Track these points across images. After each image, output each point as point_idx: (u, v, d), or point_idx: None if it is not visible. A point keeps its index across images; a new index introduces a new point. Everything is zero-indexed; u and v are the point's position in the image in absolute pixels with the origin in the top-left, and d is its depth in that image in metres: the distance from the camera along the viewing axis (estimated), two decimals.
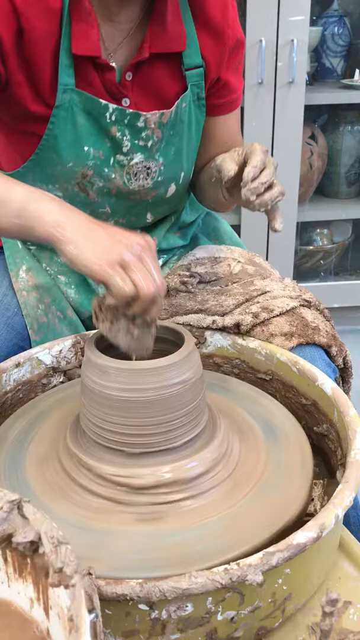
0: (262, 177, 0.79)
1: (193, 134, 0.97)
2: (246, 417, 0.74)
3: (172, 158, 0.95)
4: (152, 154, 0.92)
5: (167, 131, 0.92)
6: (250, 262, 1.01)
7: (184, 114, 0.93)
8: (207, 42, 0.93)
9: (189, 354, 0.65)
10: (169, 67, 0.92)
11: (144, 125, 0.89)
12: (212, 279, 0.94)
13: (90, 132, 0.88)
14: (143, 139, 0.91)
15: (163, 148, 0.93)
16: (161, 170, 0.94)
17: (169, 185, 0.98)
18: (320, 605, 0.57)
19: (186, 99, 0.93)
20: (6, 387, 0.83)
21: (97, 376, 0.64)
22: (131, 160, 0.91)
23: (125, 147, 0.90)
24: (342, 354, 0.87)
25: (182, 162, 0.97)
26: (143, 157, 0.92)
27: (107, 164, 0.91)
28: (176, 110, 0.91)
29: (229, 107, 1.02)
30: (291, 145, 1.89)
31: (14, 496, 0.49)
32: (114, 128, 0.88)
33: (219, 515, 0.61)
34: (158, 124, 0.90)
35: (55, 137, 0.87)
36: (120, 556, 0.56)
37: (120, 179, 0.92)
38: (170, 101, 0.92)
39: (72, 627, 0.41)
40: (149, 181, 0.94)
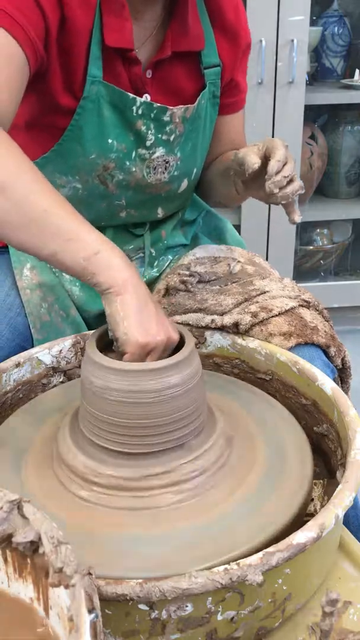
0: (285, 171, 0.81)
1: (207, 131, 1.01)
2: (246, 416, 0.74)
3: (188, 153, 0.97)
4: (173, 148, 0.95)
5: (188, 126, 0.95)
6: (250, 262, 1.01)
7: (202, 111, 0.96)
8: (223, 43, 0.97)
9: (189, 354, 0.65)
10: (187, 65, 0.94)
11: (169, 119, 0.92)
12: (212, 278, 0.94)
13: (115, 125, 0.89)
14: (167, 133, 0.93)
15: (182, 143, 0.96)
16: (178, 164, 0.97)
17: (183, 180, 1.00)
18: (320, 605, 0.57)
19: (205, 96, 0.96)
20: (6, 387, 0.83)
21: (97, 376, 0.64)
22: (153, 154, 0.93)
23: (149, 140, 0.92)
24: (340, 354, 0.87)
25: (196, 157, 1.00)
26: (164, 151, 0.94)
27: (129, 157, 0.92)
28: (197, 106, 0.94)
29: (236, 106, 1.05)
30: (291, 145, 1.86)
31: (14, 496, 0.49)
32: (140, 122, 0.90)
33: (218, 515, 0.61)
34: (182, 119, 0.93)
35: (80, 128, 0.88)
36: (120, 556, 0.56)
37: (140, 172, 0.94)
38: (187, 99, 0.94)
39: (72, 627, 0.41)
40: (165, 175, 0.96)
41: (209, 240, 1.12)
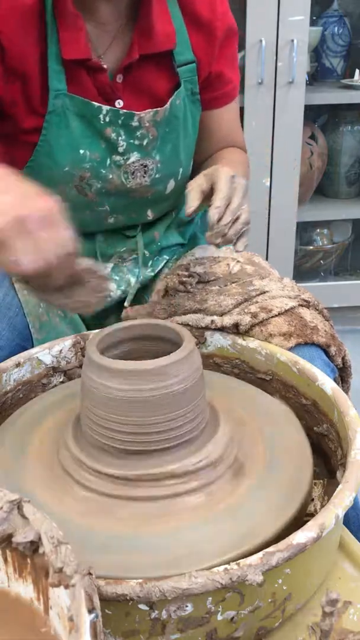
0: (226, 217, 0.78)
1: (189, 130, 0.97)
2: (245, 416, 0.74)
3: (168, 155, 0.95)
4: (149, 152, 0.93)
5: (162, 129, 0.92)
6: (249, 261, 1.01)
7: (178, 111, 0.93)
8: (197, 38, 0.93)
9: (189, 353, 0.65)
10: (160, 65, 0.92)
11: (138, 124, 0.90)
12: (211, 278, 0.94)
13: (85, 135, 0.88)
14: (138, 138, 0.91)
15: (159, 145, 0.93)
16: (158, 167, 0.95)
17: (168, 181, 0.98)
18: (320, 605, 0.57)
19: (180, 95, 0.93)
20: (6, 387, 0.83)
21: (98, 376, 0.64)
22: (127, 160, 0.92)
23: (120, 147, 0.91)
24: (341, 353, 0.87)
25: (179, 158, 0.97)
26: (139, 156, 0.92)
27: (103, 165, 0.91)
28: (170, 107, 0.92)
29: (224, 99, 1.01)
30: (291, 145, 1.89)
31: (14, 496, 0.49)
32: (109, 129, 0.88)
33: (218, 515, 0.61)
34: (152, 122, 0.91)
35: (49, 143, 0.88)
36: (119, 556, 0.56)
37: (118, 179, 0.93)
38: (163, 100, 0.92)
39: (72, 627, 0.41)
40: (146, 179, 0.95)
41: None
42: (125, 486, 0.63)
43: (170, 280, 0.95)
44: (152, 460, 0.63)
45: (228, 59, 0.98)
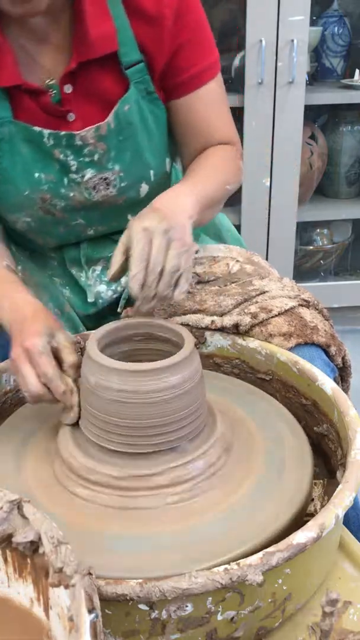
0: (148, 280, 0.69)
1: (153, 130, 0.91)
2: (246, 417, 0.74)
3: (130, 162, 0.91)
4: (104, 166, 0.89)
5: (112, 140, 0.88)
6: (249, 261, 1.00)
7: (130, 116, 0.88)
8: (144, 31, 0.85)
9: (189, 355, 0.65)
10: (107, 69, 0.86)
11: (82, 142, 0.87)
12: (211, 278, 0.94)
13: (36, 159, 0.87)
14: (88, 155, 0.88)
15: (115, 156, 0.89)
16: (121, 176, 0.91)
17: (138, 186, 0.94)
18: (320, 605, 0.57)
19: (129, 100, 0.87)
20: (6, 387, 0.83)
21: (98, 377, 0.64)
22: (84, 177, 0.89)
23: (73, 166, 0.88)
24: (341, 353, 0.87)
25: (145, 162, 0.92)
26: (95, 171, 0.89)
27: (61, 185, 0.89)
28: (116, 117, 0.87)
29: (189, 85, 0.90)
30: (291, 145, 1.88)
31: (14, 496, 0.49)
32: (56, 151, 0.87)
33: (218, 515, 0.61)
34: (97, 138, 0.87)
35: (6, 170, 0.87)
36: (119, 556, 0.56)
37: (81, 195, 0.91)
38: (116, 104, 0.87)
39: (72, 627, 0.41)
40: (111, 190, 0.91)
41: (206, 236, 1.10)
42: (124, 486, 0.63)
43: None
44: (151, 460, 0.63)
45: (186, 42, 0.87)
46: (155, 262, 0.69)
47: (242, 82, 1.82)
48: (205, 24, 0.90)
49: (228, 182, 0.91)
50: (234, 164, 0.95)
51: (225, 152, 0.95)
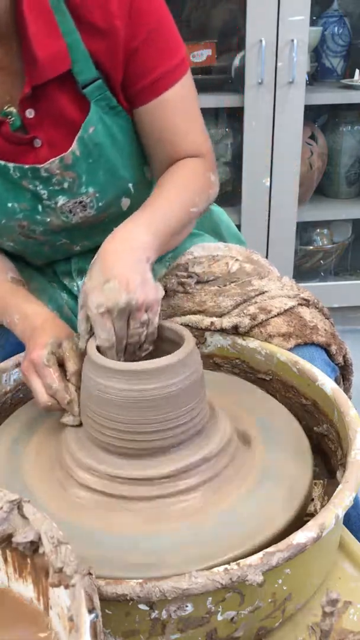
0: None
1: (124, 144, 0.87)
2: (246, 416, 0.74)
3: (104, 182, 0.86)
4: (77, 191, 0.85)
5: (81, 166, 0.83)
6: (248, 259, 0.99)
7: (97, 137, 0.83)
8: (97, 46, 0.79)
9: (189, 353, 0.65)
10: (65, 89, 0.81)
11: (47, 174, 0.83)
12: (210, 278, 0.94)
13: (6, 189, 0.85)
14: (57, 184, 0.84)
15: (87, 181, 0.85)
16: (97, 197, 0.87)
17: (119, 202, 0.90)
18: (320, 605, 0.57)
19: (92, 121, 0.82)
20: (6, 387, 0.83)
21: (98, 377, 0.64)
22: (57, 203, 0.86)
23: (44, 195, 0.85)
24: (342, 351, 0.87)
25: (121, 177, 0.88)
26: (67, 198, 0.85)
27: (36, 212, 0.87)
28: (81, 143, 0.82)
29: (149, 92, 0.83)
30: (291, 145, 1.88)
31: (14, 496, 0.49)
32: (24, 182, 0.84)
33: (218, 514, 0.61)
34: (63, 168, 0.83)
35: None
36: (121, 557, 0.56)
37: (58, 219, 0.88)
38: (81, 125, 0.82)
39: (72, 627, 0.41)
40: (89, 211, 0.88)
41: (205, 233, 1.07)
42: (125, 485, 0.63)
43: (168, 281, 0.94)
44: (151, 459, 0.64)
45: (142, 46, 0.80)
46: (120, 345, 0.69)
47: (242, 82, 1.82)
48: (165, 22, 0.83)
49: (195, 204, 0.85)
50: (204, 180, 0.88)
51: (193, 167, 0.88)
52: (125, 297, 0.67)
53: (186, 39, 0.86)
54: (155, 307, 0.71)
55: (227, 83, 1.99)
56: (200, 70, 1.92)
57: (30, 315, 0.80)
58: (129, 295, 0.67)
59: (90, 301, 0.68)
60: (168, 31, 0.83)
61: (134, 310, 0.68)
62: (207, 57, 1.92)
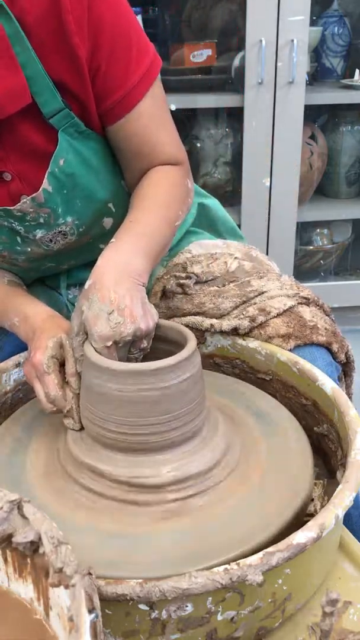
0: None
1: (97, 166, 0.83)
2: (246, 417, 0.74)
3: (82, 208, 0.84)
4: (54, 223, 0.83)
5: (55, 200, 0.80)
6: (247, 256, 0.98)
7: (68, 168, 0.79)
8: (60, 70, 0.74)
9: (190, 355, 0.65)
10: (30, 120, 0.77)
11: (20, 214, 0.80)
12: (209, 278, 0.93)
13: None
14: (32, 220, 0.81)
15: (64, 211, 0.82)
16: (77, 224, 0.85)
17: (100, 223, 0.88)
18: (320, 605, 0.57)
19: (62, 152, 0.78)
20: (6, 387, 0.83)
21: (98, 377, 0.64)
22: (35, 236, 0.84)
23: (20, 230, 0.83)
24: (343, 349, 0.87)
25: (99, 200, 0.85)
26: (45, 231, 0.83)
27: (15, 243, 0.85)
28: (52, 177, 0.79)
29: (118, 110, 0.79)
30: (291, 145, 1.88)
31: (14, 496, 0.49)
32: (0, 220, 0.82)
33: (218, 514, 0.61)
34: (37, 206, 0.80)
35: None
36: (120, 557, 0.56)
37: (39, 248, 0.86)
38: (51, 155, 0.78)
39: (72, 627, 0.41)
40: (70, 237, 0.86)
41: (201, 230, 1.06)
42: (124, 485, 0.63)
43: (167, 282, 0.93)
44: (151, 460, 0.64)
45: (105, 63, 0.76)
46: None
47: (242, 82, 1.82)
48: (127, 28, 0.77)
49: (178, 218, 0.84)
50: (184, 190, 0.87)
51: (173, 178, 0.86)
52: (131, 330, 0.67)
53: (186, 39, 0.87)
54: (152, 334, 0.72)
55: (227, 83, 1.99)
56: (200, 70, 1.92)
57: (30, 317, 0.79)
58: (134, 326, 0.67)
59: (96, 332, 0.66)
60: (132, 35, 0.77)
61: (137, 340, 0.69)
62: (207, 57, 1.91)
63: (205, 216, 1.08)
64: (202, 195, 1.09)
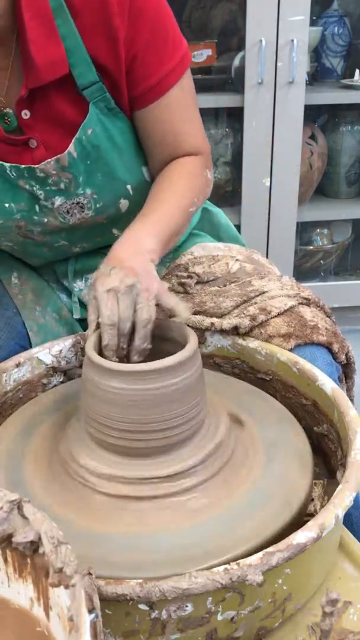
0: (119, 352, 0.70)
1: (122, 146, 0.86)
2: (246, 417, 0.74)
3: (102, 183, 0.86)
4: (73, 192, 0.85)
5: (78, 167, 0.83)
6: (248, 259, 0.99)
7: (95, 139, 0.83)
8: (99, 47, 0.79)
9: (191, 355, 0.65)
10: (63, 91, 0.81)
11: (44, 175, 0.83)
12: (210, 279, 0.93)
13: (4, 189, 0.85)
14: (53, 184, 0.84)
15: (84, 181, 0.85)
16: (95, 198, 0.87)
17: (117, 203, 0.90)
18: (320, 605, 0.57)
19: (91, 123, 0.82)
20: (6, 387, 0.83)
21: (98, 377, 0.64)
22: (54, 204, 0.86)
23: (40, 195, 0.85)
24: (344, 350, 0.87)
25: (119, 179, 0.88)
26: (64, 198, 0.85)
27: (33, 212, 0.87)
28: (79, 144, 0.82)
29: (149, 96, 0.84)
30: (291, 145, 1.89)
31: (14, 496, 0.49)
32: (21, 182, 0.83)
33: (218, 514, 0.61)
34: (59, 169, 0.82)
35: None
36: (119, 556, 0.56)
37: (55, 220, 0.88)
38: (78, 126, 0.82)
39: (72, 627, 0.41)
40: (87, 212, 0.88)
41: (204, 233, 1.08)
42: (124, 485, 0.63)
43: (168, 282, 0.94)
44: (151, 459, 0.64)
45: (143, 50, 0.80)
46: (124, 324, 0.69)
47: (242, 82, 1.82)
48: (165, 20, 0.82)
49: (193, 204, 0.87)
50: (201, 180, 0.90)
51: (192, 167, 0.89)
52: (131, 279, 0.69)
53: (186, 39, 0.87)
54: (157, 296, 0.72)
55: (227, 83, 1.99)
56: (200, 70, 1.92)
57: None
58: (134, 278, 0.69)
59: (98, 283, 0.70)
60: (168, 27, 0.82)
61: (140, 292, 0.70)
62: (207, 57, 1.92)
63: (209, 221, 1.10)
64: (206, 202, 1.11)
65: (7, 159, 0.83)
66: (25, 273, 1.00)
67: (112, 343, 0.68)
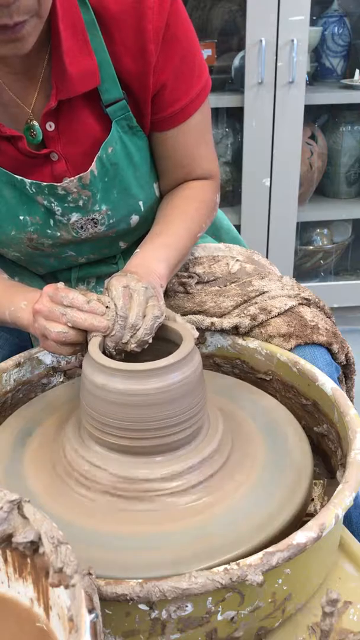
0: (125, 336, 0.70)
1: (138, 164, 0.87)
2: (245, 416, 0.74)
3: (117, 199, 0.87)
4: (90, 209, 0.86)
5: (97, 185, 0.84)
6: (249, 259, 1.00)
7: (114, 157, 0.84)
8: (127, 67, 0.80)
9: (189, 353, 0.65)
10: (89, 105, 0.81)
11: (64, 192, 0.83)
12: (211, 279, 0.94)
13: (21, 202, 0.85)
14: (72, 202, 0.85)
15: (101, 199, 0.86)
16: (109, 214, 0.88)
17: (128, 219, 0.91)
18: (320, 605, 0.57)
19: (112, 141, 0.83)
20: (6, 387, 0.83)
21: (98, 377, 0.64)
22: (69, 220, 0.86)
23: (57, 211, 0.85)
24: (344, 350, 0.87)
25: (133, 196, 0.89)
26: (80, 215, 0.86)
27: (47, 226, 0.87)
28: (99, 162, 0.83)
29: (172, 121, 0.86)
30: (291, 145, 1.89)
31: (14, 496, 0.49)
32: (39, 197, 0.84)
33: (218, 514, 0.61)
34: (81, 187, 0.83)
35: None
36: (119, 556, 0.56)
37: (68, 234, 0.88)
38: (101, 142, 0.83)
39: (72, 627, 0.41)
40: (99, 227, 0.89)
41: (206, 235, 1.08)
42: (124, 485, 0.63)
43: (169, 282, 0.94)
44: (151, 459, 0.64)
45: (172, 77, 0.82)
46: (134, 319, 0.69)
47: (242, 82, 1.82)
48: (193, 48, 0.84)
49: (201, 229, 0.91)
50: (210, 205, 0.93)
51: (203, 194, 0.92)
52: (145, 282, 0.72)
53: None
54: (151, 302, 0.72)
55: (227, 83, 1.99)
56: None
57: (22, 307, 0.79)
58: (147, 283, 0.72)
59: (114, 280, 0.72)
60: (195, 54, 0.84)
61: (152, 294, 0.72)
62: (207, 57, 1.92)
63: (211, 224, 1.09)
64: None
65: (27, 172, 0.83)
66: (27, 279, 1.00)
67: (119, 335, 0.69)
